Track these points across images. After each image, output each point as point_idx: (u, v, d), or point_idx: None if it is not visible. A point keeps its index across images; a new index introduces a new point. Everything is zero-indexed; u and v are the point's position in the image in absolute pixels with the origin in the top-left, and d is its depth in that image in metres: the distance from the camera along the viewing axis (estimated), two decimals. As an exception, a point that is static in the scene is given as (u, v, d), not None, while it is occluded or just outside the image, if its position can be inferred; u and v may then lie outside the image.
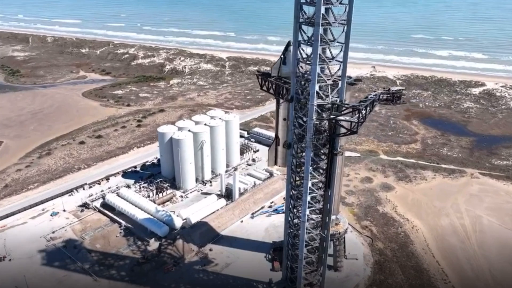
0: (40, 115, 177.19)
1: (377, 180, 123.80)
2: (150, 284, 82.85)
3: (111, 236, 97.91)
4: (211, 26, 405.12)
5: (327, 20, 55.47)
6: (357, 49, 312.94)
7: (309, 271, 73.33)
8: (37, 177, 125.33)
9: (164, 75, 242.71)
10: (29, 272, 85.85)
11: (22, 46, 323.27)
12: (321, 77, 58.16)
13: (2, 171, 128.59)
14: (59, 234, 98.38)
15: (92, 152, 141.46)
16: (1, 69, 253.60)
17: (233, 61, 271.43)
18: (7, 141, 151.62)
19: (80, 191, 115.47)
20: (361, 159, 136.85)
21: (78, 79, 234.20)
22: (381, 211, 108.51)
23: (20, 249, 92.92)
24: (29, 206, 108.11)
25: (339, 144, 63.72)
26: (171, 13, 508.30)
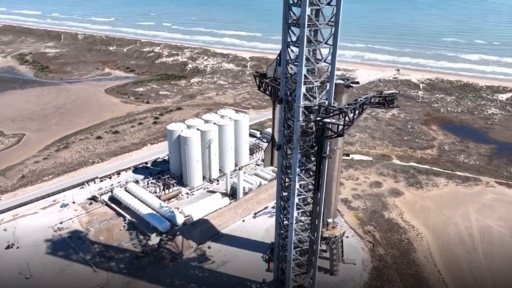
0: (63, 109, 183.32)
1: (386, 185, 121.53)
2: (146, 278, 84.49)
3: (115, 229, 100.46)
4: (238, 26, 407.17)
5: (313, 22, 55.00)
6: (383, 52, 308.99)
7: (298, 273, 72.94)
8: (53, 169, 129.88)
9: (186, 74, 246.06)
10: (34, 260, 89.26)
11: (54, 43, 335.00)
12: (307, 79, 57.74)
13: (21, 162, 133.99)
14: (66, 225, 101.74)
15: (107, 147, 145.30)
16: (32, 64, 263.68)
17: (255, 61, 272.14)
18: (29, 133, 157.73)
19: (91, 184, 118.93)
20: (372, 163, 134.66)
21: (102, 76, 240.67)
22: (386, 217, 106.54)
23: (28, 237, 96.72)
24: (41, 197, 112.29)
25: (328, 147, 63.03)
26: (199, 13, 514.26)
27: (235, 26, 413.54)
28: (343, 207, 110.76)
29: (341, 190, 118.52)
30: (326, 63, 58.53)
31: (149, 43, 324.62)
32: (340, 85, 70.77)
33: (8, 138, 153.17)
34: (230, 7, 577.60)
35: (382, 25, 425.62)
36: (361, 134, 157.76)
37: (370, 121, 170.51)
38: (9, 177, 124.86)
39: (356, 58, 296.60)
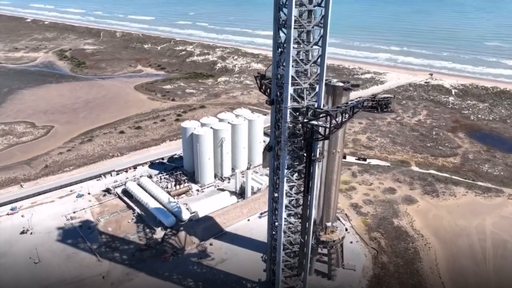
0: (92, 104, 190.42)
1: (400, 192, 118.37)
2: (146, 270, 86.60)
3: (124, 221, 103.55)
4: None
5: (301, 23, 54.69)
6: (418, 55, 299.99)
7: (289, 275, 72.56)
8: (74, 160, 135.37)
9: (214, 73, 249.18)
10: (44, 246, 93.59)
11: (93, 40, 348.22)
12: (295, 80, 57.43)
13: (46, 153, 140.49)
14: (78, 214, 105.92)
15: (128, 142, 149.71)
16: (70, 60, 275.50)
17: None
18: (58, 126, 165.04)
19: (107, 177, 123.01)
20: (389, 169, 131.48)
21: (134, 73, 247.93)
22: (395, 224, 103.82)
23: (42, 224, 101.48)
24: (59, 186, 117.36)
25: (318, 149, 62.41)
26: (236, 13, 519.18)
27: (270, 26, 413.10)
28: (352, 212, 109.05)
29: (353, 194, 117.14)
30: (315, 64, 57.84)
31: (183, 41, 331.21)
32: (339, 88, 70.08)
33: (38, 130, 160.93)
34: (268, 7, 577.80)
35: (421, 28, 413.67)
36: (382, 139, 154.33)
37: (393, 126, 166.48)
38: (33, 167, 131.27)
39: (390, 61, 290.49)
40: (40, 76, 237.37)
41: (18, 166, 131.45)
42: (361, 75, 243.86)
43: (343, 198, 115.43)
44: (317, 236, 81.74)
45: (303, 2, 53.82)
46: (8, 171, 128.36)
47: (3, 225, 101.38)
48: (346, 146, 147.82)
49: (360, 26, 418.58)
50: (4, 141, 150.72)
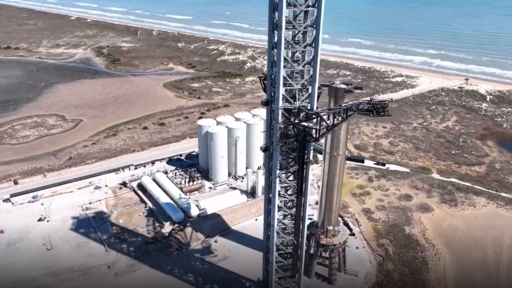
0: (121, 100, 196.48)
1: (416, 199, 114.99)
2: (150, 263, 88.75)
3: (135, 214, 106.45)
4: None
5: (293, 24, 54.52)
6: (456, 59, 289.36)
7: (283, 276, 72.35)
8: (97, 154, 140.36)
9: (242, 73, 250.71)
10: (57, 234, 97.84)
11: (130, 38, 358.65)
12: (287, 81, 57.29)
13: (72, 145, 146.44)
14: (94, 205, 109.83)
15: (151, 138, 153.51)
16: (106, 57, 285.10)
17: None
18: (86, 120, 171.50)
19: (125, 171, 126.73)
20: (408, 175, 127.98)
21: (165, 71, 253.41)
22: (406, 232, 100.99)
23: (58, 213, 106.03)
24: (79, 178, 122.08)
25: (311, 152, 61.96)
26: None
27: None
28: (363, 217, 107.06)
29: (366, 199, 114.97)
30: (308, 65, 57.44)
31: (216, 41, 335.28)
32: (341, 90, 69.16)
33: (67, 123, 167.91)
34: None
35: (463, 32, 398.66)
36: (405, 144, 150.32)
37: (419, 131, 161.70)
38: (58, 158, 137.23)
39: (424, 64, 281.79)
40: (76, 72, 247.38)
41: (44, 157, 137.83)
42: (392, 78, 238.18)
43: (355, 202, 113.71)
44: (317, 239, 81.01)
45: (294, 3, 53.58)
46: (35, 161, 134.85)
47: (24, 212, 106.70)
48: (366, 150, 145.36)
49: (398, 28, 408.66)
50: (35, 132, 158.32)
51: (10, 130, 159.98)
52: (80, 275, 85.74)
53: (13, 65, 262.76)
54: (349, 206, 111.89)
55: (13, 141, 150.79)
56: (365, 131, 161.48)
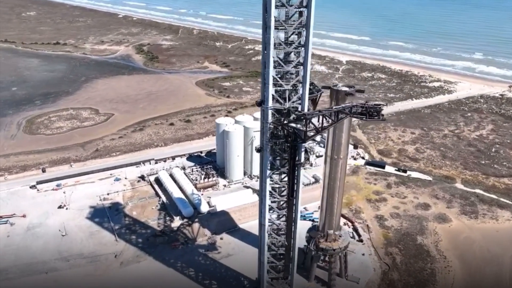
0: (153, 96, 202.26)
1: (435, 209, 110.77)
2: (154, 255, 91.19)
3: (148, 207, 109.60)
4: (349, 30, 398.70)
5: (282, 25, 54.45)
6: (502, 65, 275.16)
7: (275, 277, 72.22)
8: (122, 147, 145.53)
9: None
10: (74, 221, 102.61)
11: (171, 36, 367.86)
12: (278, 81, 57.28)
13: (100, 138, 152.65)
14: (111, 196, 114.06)
15: (175, 134, 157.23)
16: (145, 54, 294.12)
17: (350, 65, 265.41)
18: (117, 114, 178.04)
19: (146, 165, 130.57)
20: (430, 184, 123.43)
21: (199, 69, 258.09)
22: (418, 242, 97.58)
23: (78, 202, 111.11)
24: (102, 169, 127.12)
25: (302, 154, 61.52)
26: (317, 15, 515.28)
27: (348, 29, 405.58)
28: (375, 224, 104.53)
29: (381, 206, 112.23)
30: (299, 66, 57.11)
31: (254, 41, 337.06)
32: (341, 92, 68.29)
33: (100, 116, 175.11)
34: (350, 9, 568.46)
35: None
36: (432, 152, 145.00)
37: (448, 139, 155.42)
38: (86, 149, 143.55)
39: (467, 70, 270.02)
40: (115, 68, 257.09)
41: (73, 148, 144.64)
42: (429, 83, 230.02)
43: (369, 208, 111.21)
44: (317, 242, 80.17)
45: (284, 4, 53.50)
46: (64, 151, 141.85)
47: (47, 199, 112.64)
48: (389, 156, 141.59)
49: (444, 32, 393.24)
50: (69, 124, 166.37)
51: (47, 121, 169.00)
52: (88, 262, 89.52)
53: (59, 60, 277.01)
54: (362, 211, 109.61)
55: (47, 131, 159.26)
56: (392, 136, 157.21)
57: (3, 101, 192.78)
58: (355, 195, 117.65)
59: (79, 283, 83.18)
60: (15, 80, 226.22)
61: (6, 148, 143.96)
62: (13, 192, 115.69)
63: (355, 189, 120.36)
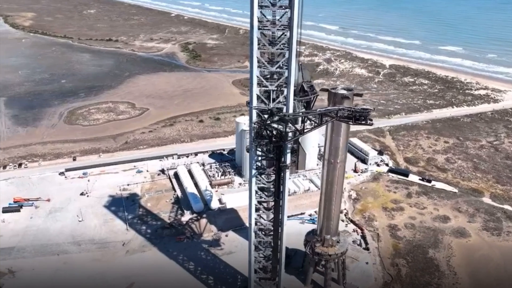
0: (189, 93, 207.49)
1: (454, 222, 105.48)
2: (159, 246, 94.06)
3: (163, 200, 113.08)
4: (401, 33, 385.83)
5: (265, 24, 54.55)
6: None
7: (263, 277, 72.27)
8: (150, 141, 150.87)
9: (313, 74, 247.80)
10: (92, 208, 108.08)
11: (218, 36, 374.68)
12: (261, 81, 57.47)
13: (132, 131, 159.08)
14: (130, 187, 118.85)
15: (202, 130, 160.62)
16: (190, 52, 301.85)
17: (392, 69, 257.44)
18: (152, 109, 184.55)
19: (168, 159, 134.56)
20: (454, 196, 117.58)
21: (238, 68, 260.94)
22: (429, 255, 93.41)
23: (99, 190, 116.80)
24: (126, 161, 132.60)
25: (289, 156, 61.27)
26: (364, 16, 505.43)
27: (396, 32, 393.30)
28: (386, 233, 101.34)
29: (397, 215, 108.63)
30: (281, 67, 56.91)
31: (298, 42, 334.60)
32: (338, 95, 67.30)
33: (135, 110, 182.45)
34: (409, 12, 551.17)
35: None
36: (463, 163, 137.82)
37: (484, 150, 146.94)
38: (116, 141, 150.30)
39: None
40: (159, 65, 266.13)
41: (105, 139, 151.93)
42: (475, 90, 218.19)
43: (384, 217, 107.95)
44: (312, 246, 79.25)
45: (267, 4, 53.61)
46: (96, 142, 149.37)
47: (72, 186, 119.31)
48: (416, 164, 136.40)
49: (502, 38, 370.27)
50: (106, 116, 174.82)
51: (86, 112, 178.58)
52: (97, 247, 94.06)
53: (108, 55, 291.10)
54: (375, 219, 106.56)
55: (85, 122, 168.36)
56: (423, 144, 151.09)
57: (51, 92, 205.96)
58: (371, 202, 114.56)
59: (86, 267, 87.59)
60: (66, 73, 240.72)
61: (45, 136, 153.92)
62: (43, 177, 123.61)
63: (372, 196, 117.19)
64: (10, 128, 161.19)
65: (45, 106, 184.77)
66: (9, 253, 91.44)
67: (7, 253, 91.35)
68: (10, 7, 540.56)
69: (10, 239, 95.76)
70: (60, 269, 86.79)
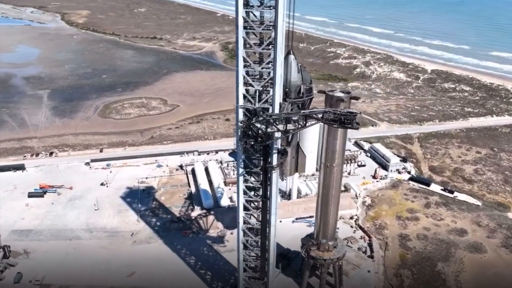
0: (220, 92, 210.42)
1: (471, 236, 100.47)
2: (165, 239, 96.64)
3: (177, 194, 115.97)
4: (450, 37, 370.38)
5: (250, 24, 54.90)
6: None
7: (251, 276, 72.52)
8: (175, 137, 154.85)
9: (349, 77, 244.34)
10: (109, 198, 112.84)
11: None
12: (247, 81, 57.89)
13: (159, 127, 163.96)
14: (148, 180, 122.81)
15: (227, 129, 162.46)
16: (229, 52, 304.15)
17: (434, 74, 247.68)
18: (183, 106, 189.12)
19: (189, 155, 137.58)
20: (477, 209, 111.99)
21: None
22: (437, 269, 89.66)
23: (118, 181, 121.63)
24: (148, 155, 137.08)
25: (275, 157, 61.22)
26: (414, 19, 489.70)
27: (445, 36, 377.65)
28: (396, 242, 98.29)
29: (410, 225, 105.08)
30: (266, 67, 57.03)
31: (339, 43, 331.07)
32: (334, 98, 66.67)
33: (166, 107, 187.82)
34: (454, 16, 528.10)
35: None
36: (493, 175, 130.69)
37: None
38: (143, 136, 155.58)
39: None
40: (196, 63, 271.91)
41: (133, 133, 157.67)
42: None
43: (396, 226, 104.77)
44: (308, 250, 78.54)
45: (252, 4, 53.95)
46: (125, 135, 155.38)
47: (95, 176, 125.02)
48: (441, 174, 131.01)
49: None
50: (137, 111, 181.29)
51: (120, 107, 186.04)
52: (107, 236, 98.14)
53: (150, 52, 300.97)
54: (386, 228, 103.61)
55: (117, 116, 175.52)
56: (452, 153, 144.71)
57: (91, 86, 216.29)
58: (386, 210, 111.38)
59: (93, 253, 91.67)
60: (107, 69, 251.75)
61: (79, 128, 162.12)
62: (70, 166, 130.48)
63: (388, 204, 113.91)
64: (48, 119, 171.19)
65: (83, 99, 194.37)
66: (27, 235, 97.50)
67: (25, 235, 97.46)
68: (70, 5, 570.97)
69: (30, 222, 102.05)
70: (69, 254, 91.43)
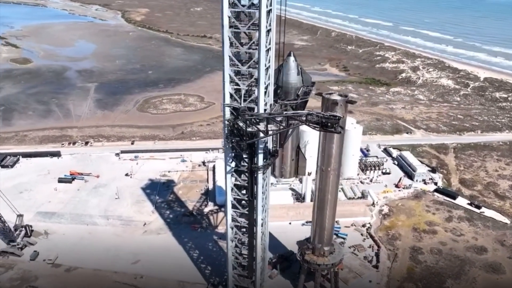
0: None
1: (491, 255, 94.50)
2: (174, 231, 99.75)
3: (194, 189, 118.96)
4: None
5: (236, 24, 55.53)
6: None
7: (240, 274, 73.11)
8: (204, 133, 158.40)
9: (393, 82, 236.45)
10: (129, 188, 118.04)
11: (309, 37, 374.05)
12: (233, 80, 58.66)
13: (191, 123, 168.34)
14: (170, 174, 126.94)
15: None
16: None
17: (486, 82, 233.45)
18: (218, 104, 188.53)
19: (214, 152, 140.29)
20: (504, 227, 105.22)
21: (317, 71, 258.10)
22: (445, 286, 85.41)
23: (142, 173, 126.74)
24: (175, 149, 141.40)
25: (261, 158, 61.54)
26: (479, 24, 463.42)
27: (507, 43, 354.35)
28: (406, 254, 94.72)
29: (426, 238, 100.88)
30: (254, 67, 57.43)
31: (389, 47, 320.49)
32: (329, 101, 65.89)
33: (202, 104, 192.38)
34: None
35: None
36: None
37: None
38: (175, 131, 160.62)
39: None
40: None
41: (165, 128, 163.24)
42: None
43: (410, 237, 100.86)
44: (302, 253, 77.91)
45: (236, 3, 54.58)
46: (157, 129, 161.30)
47: (122, 166, 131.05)
48: (471, 187, 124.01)
49: None
50: (174, 107, 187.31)
51: (158, 102, 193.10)
52: (122, 224, 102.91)
53: (198, 51, 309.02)
54: (399, 239, 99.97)
55: (154, 111, 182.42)
56: (488, 167, 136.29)
57: (136, 81, 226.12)
58: (403, 220, 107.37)
59: (105, 239, 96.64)
60: (154, 65, 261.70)
61: (117, 120, 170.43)
62: (101, 156, 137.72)
63: (406, 215, 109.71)
64: (91, 110, 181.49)
65: (126, 93, 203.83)
66: (50, 217, 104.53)
67: (49, 217, 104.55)
68: (132, 3, 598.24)
69: (55, 206, 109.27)
70: (84, 238, 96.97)
